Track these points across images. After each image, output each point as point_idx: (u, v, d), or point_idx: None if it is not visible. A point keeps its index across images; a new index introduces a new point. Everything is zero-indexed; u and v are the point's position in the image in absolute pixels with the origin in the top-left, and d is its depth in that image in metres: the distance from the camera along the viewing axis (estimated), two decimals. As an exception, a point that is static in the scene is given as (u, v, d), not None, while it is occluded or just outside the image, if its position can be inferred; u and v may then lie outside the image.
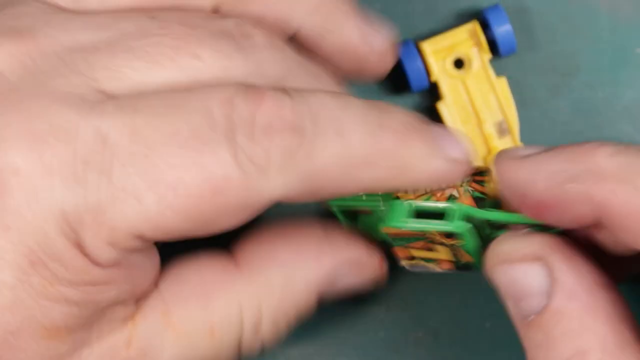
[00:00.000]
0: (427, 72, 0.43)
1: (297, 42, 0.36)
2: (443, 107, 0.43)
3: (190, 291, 0.33)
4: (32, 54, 0.31)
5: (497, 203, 0.33)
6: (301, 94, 0.32)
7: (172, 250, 0.35)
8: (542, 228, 0.32)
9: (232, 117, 0.31)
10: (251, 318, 0.34)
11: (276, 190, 0.31)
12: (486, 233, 0.34)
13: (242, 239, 0.36)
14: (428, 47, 0.43)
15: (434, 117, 0.43)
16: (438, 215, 0.33)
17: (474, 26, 0.43)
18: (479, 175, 0.34)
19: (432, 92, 0.44)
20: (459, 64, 0.43)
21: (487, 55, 0.43)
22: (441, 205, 0.34)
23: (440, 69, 0.43)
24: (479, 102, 0.43)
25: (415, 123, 0.33)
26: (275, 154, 0.30)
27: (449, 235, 0.33)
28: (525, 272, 0.32)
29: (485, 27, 0.43)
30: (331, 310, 0.44)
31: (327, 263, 0.35)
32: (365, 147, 0.32)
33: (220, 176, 0.30)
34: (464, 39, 0.43)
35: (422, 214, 0.34)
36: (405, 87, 0.44)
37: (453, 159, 0.33)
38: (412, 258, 0.35)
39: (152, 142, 0.30)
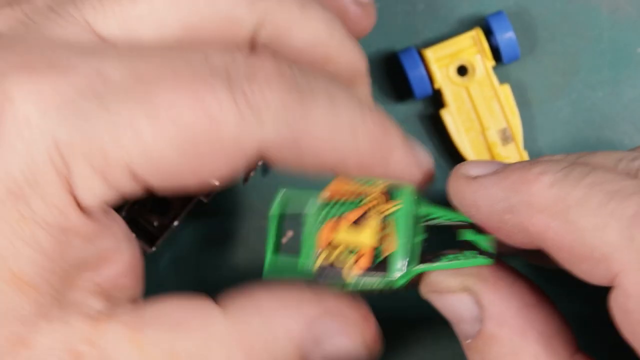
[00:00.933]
0: (431, 79, 0.43)
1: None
2: (447, 115, 0.43)
3: (167, 317, 0.32)
4: (26, 11, 0.32)
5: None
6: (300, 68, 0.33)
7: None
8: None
9: (232, 65, 0.31)
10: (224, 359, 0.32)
11: (268, 136, 0.31)
12: (416, 237, 0.34)
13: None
14: (431, 54, 0.43)
15: (438, 124, 0.44)
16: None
17: (477, 33, 0.43)
18: None
19: (436, 100, 0.44)
20: (462, 71, 0.43)
21: (491, 63, 0.43)
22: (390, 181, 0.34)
23: (443, 76, 0.43)
24: (482, 110, 0.43)
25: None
26: (272, 100, 0.31)
27: (389, 195, 0.33)
28: (456, 301, 0.33)
29: (489, 33, 0.43)
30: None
31: (308, 312, 0.33)
32: (351, 115, 0.33)
33: (217, 113, 0.30)
34: (468, 46, 0.43)
35: None
36: (409, 95, 0.44)
37: (423, 164, 0.35)
38: (331, 249, 0.34)
39: (152, 80, 0.30)
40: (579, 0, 0.44)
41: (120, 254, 0.32)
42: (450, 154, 0.44)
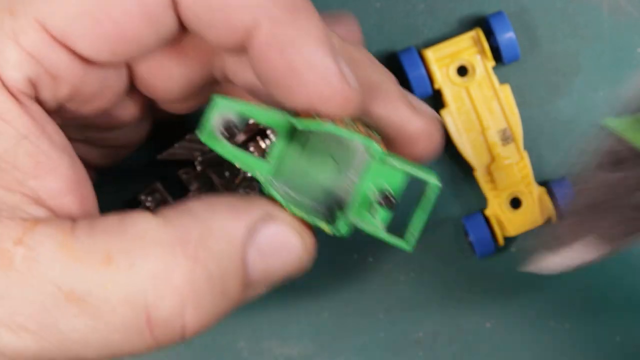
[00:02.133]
0: (430, 79, 0.43)
1: None
2: (446, 115, 0.43)
3: (103, 226, 0.31)
4: None
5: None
6: None
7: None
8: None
9: None
10: (160, 260, 0.31)
11: None
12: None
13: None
14: (431, 54, 0.43)
15: (438, 124, 0.44)
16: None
17: (477, 33, 0.43)
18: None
19: (436, 100, 0.44)
20: (462, 71, 0.43)
21: (491, 63, 0.43)
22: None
23: (443, 77, 0.43)
24: (482, 110, 0.43)
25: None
26: None
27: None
28: None
29: (489, 34, 0.43)
30: (331, 311, 0.44)
31: (244, 215, 0.32)
32: None
33: None
34: (468, 46, 0.43)
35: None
36: (409, 95, 0.44)
37: (344, 75, 0.32)
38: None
39: None
40: (579, 0, 0.44)
41: (59, 165, 0.32)
42: (450, 154, 0.44)
